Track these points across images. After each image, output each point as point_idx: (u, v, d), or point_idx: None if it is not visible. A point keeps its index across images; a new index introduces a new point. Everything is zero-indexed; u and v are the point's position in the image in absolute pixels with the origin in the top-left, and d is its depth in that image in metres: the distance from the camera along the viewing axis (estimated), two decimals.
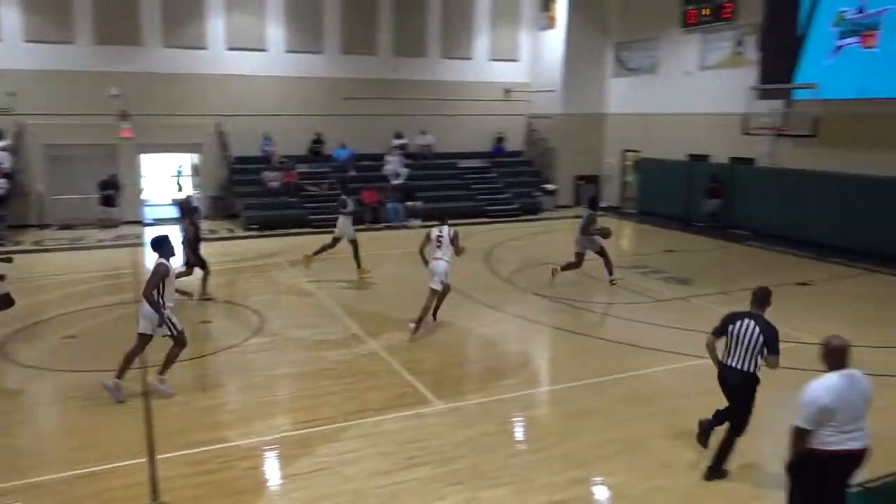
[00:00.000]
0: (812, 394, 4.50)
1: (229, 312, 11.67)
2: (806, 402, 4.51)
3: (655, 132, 22.55)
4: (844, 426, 4.49)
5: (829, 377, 4.56)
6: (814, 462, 4.56)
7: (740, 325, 6.06)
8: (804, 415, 4.52)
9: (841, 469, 4.61)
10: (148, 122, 20.88)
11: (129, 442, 6.82)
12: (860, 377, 4.59)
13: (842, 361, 4.59)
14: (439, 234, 10.26)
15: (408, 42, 24.04)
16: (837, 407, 4.46)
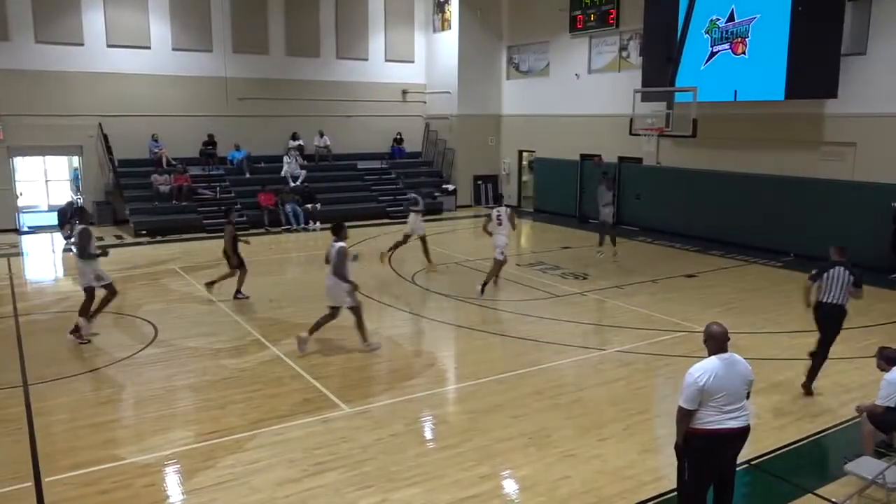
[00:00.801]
0: (692, 376, 4.78)
1: (119, 323, 11.06)
2: (687, 383, 4.80)
3: (549, 133, 23.27)
4: (724, 406, 4.78)
5: (708, 360, 4.86)
6: (698, 441, 4.85)
7: (833, 272, 7.73)
8: (685, 395, 4.80)
9: (723, 446, 4.92)
10: (21, 123, 19.48)
11: (10, 466, 6.34)
12: (739, 360, 4.92)
13: (721, 346, 4.89)
14: (498, 214, 12.46)
15: (301, 41, 23.63)
16: (716, 387, 4.74)
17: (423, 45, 25.93)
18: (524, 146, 24.98)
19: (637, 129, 18.54)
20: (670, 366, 8.97)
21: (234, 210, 13.30)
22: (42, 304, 12.42)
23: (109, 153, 20.50)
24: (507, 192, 25.63)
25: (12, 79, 19.30)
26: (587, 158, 21.92)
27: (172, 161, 20.97)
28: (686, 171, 18.64)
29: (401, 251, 15.75)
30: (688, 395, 4.78)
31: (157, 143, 21.19)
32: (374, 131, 25.09)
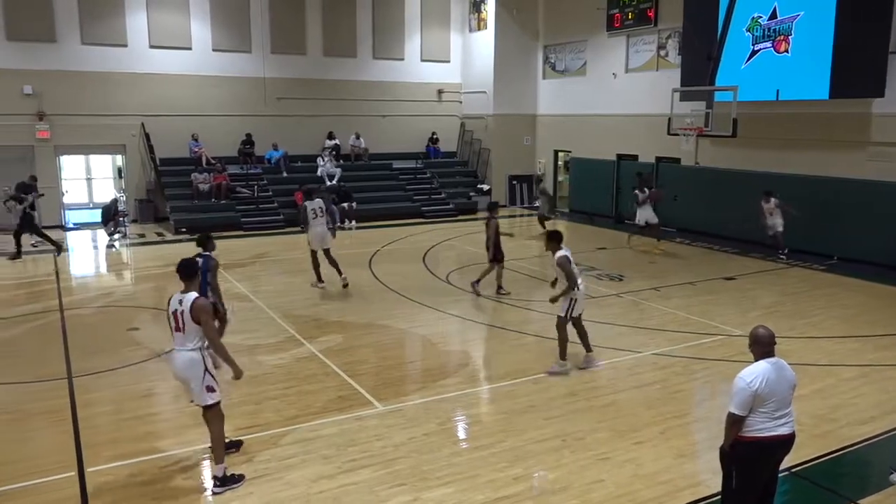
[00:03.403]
0: (744, 381, 4.66)
1: (159, 318, 11.28)
2: (739, 388, 4.67)
3: (585, 132, 23.09)
4: (774, 412, 4.69)
5: (757, 364, 4.74)
6: (747, 448, 4.74)
7: None
8: (738, 401, 4.67)
9: (772, 454, 4.82)
10: (67, 123, 20.03)
11: (56, 456, 6.52)
12: (785, 365, 4.81)
13: (768, 350, 4.78)
14: None
15: (338, 42, 23.83)
16: (767, 392, 4.64)
17: (458, 44, 25.94)
18: (560, 146, 24.82)
19: (675, 129, 18.28)
20: (708, 369, 8.82)
21: (497, 205, 13.41)
22: (86, 298, 12.73)
23: (151, 152, 20.96)
24: None
25: (59, 79, 19.85)
26: (624, 158, 21.71)
27: (212, 160, 21.34)
28: (725, 172, 18.30)
29: (436, 251, 15.81)
30: (740, 401, 4.66)
31: (196, 143, 21.58)
32: (410, 131, 25.19)
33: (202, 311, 5.88)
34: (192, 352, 5.93)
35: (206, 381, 5.95)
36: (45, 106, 19.81)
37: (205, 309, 5.91)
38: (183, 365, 5.97)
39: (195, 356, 5.93)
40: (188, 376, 5.97)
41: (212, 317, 5.99)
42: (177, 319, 5.96)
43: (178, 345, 6.01)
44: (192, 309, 5.85)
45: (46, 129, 19.91)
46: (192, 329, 5.89)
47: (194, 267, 6.27)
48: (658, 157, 20.58)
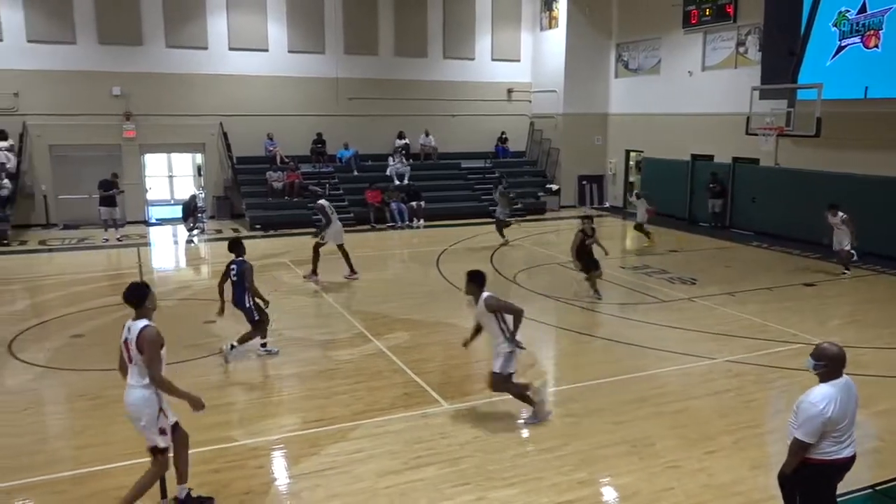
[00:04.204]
0: (815, 407, 4.34)
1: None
2: (810, 415, 4.35)
3: (658, 132, 22.57)
4: (842, 435, 4.43)
5: (824, 387, 4.43)
6: (814, 471, 4.48)
7: None
8: (808, 429, 4.36)
9: (838, 476, 4.58)
10: (151, 122, 20.98)
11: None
12: (852, 384, 4.52)
13: (840, 369, 4.46)
14: None
15: (409, 42, 24.06)
16: (839, 416, 4.36)
17: (529, 43, 25.78)
18: (632, 146, 24.34)
19: (754, 129, 17.68)
20: (785, 379, 8.48)
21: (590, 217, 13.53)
22: (166, 291, 13.26)
23: (229, 151, 21.70)
24: (612, 192, 25.15)
25: (144, 81, 20.77)
26: (699, 159, 21.12)
27: (285, 159, 21.91)
28: (807, 173, 17.52)
29: (504, 251, 15.75)
30: (812, 429, 4.34)
31: (271, 142, 22.20)
32: (479, 130, 25.20)
33: (147, 341, 5.18)
34: (144, 388, 5.27)
35: (159, 421, 5.33)
36: (132, 106, 20.78)
37: (151, 340, 5.19)
38: (134, 402, 5.29)
39: (147, 393, 5.27)
40: (140, 415, 5.29)
41: (159, 349, 5.24)
42: (127, 349, 5.31)
43: (131, 379, 5.33)
44: (138, 338, 5.19)
45: (132, 128, 20.89)
46: (141, 361, 5.24)
47: (143, 291, 5.38)
48: (735, 158, 19.94)
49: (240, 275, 9.11)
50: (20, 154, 19.77)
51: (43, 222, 20.26)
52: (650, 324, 10.81)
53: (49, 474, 6.18)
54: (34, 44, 19.76)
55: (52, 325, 10.79)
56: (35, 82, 19.80)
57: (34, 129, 20.02)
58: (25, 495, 5.87)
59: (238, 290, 9.14)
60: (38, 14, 19.74)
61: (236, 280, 9.11)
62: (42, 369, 8.86)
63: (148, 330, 5.24)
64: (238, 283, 9.11)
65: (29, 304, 11.89)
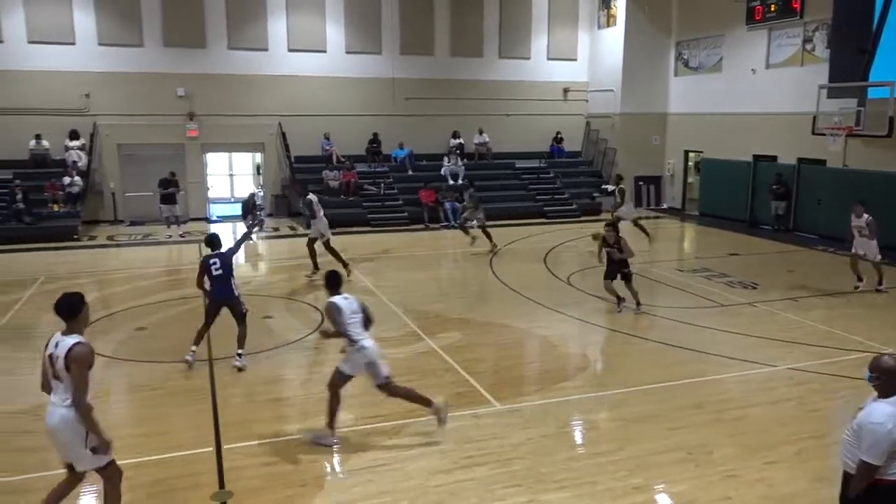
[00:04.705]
0: (884, 427, 4.08)
1: (290, 308, 11.90)
2: (878, 436, 4.09)
3: (719, 132, 22.00)
4: None
5: (889, 407, 4.16)
6: (883, 492, 4.21)
7: None
8: (877, 451, 4.09)
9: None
10: (213, 122, 21.56)
11: (195, 432, 7.03)
12: None
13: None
14: None
15: (465, 42, 24.07)
16: None
17: (586, 42, 25.48)
18: (691, 146, 23.80)
19: (821, 129, 17.06)
20: (850, 389, 8.13)
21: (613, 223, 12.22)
22: None
23: (287, 150, 22.13)
24: (671, 193, 24.64)
25: (207, 82, 21.37)
26: (761, 159, 20.50)
27: (342, 158, 22.21)
28: (879, 175, 16.79)
29: (558, 252, 15.61)
30: (880, 451, 4.07)
31: (328, 142, 22.54)
32: (534, 130, 25.03)
33: (75, 361, 4.72)
34: (70, 409, 4.76)
35: (89, 441, 4.83)
36: (195, 107, 21.41)
37: (80, 360, 4.73)
38: (58, 423, 4.81)
39: (74, 414, 4.76)
40: (65, 438, 4.82)
41: (87, 370, 4.78)
42: (53, 364, 4.83)
43: (55, 397, 4.87)
44: (66, 355, 4.74)
45: (195, 128, 21.52)
46: (68, 379, 4.77)
47: (76, 304, 4.93)
48: (800, 159, 19.27)
49: (226, 267, 8.86)
50: (90, 153, 20.60)
51: (111, 219, 21.07)
52: (708, 328, 10.54)
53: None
54: (104, 47, 20.55)
55: (118, 317, 11.20)
56: (105, 84, 20.60)
57: (103, 129, 20.82)
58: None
59: (225, 283, 8.86)
60: (109, 18, 20.52)
61: (221, 273, 8.80)
62: (107, 360, 9.19)
63: (79, 348, 4.75)
64: (224, 277, 8.83)
65: (97, 297, 12.35)
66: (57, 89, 20.20)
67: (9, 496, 5.79)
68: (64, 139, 20.28)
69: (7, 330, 10.45)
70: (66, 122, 20.28)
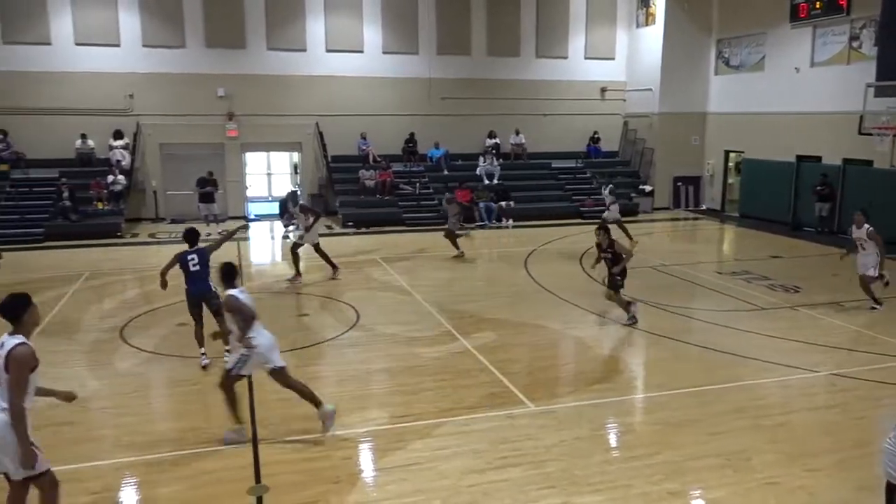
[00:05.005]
0: None
1: (327, 307, 12.02)
2: None
3: (760, 132, 21.56)
4: None
5: None
6: None
7: None
8: None
9: None
10: (252, 122, 21.88)
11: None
12: None
13: None
14: None
15: (502, 42, 24.01)
16: None
17: (624, 41, 25.21)
18: (731, 146, 23.37)
19: (868, 128, 16.60)
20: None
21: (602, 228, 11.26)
22: (263, 284, 13.82)
23: (324, 150, 22.35)
24: (710, 194, 24.25)
25: (247, 83, 21.70)
26: (805, 160, 20.04)
27: (378, 158, 22.35)
28: None
29: (594, 253, 15.43)
30: None
31: (365, 141, 22.70)
32: (571, 130, 24.85)
33: (15, 361, 4.52)
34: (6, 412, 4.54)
35: None
36: (234, 107, 21.75)
37: (20, 361, 4.53)
38: None
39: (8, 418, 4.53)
40: (3, 443, 4.55)
41: (27, 373, 4.57)
42: None
43: None
44: (6, 356, 4.54)
45: (235, 128, 21.87)
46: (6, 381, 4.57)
47: (19, 305, 4.70)
48: (845, 159, 18.78)
49: (203, 263, 8.79)
50: (133, 152, 21.08)
51: (153, 216, 21.54)
52: (748, 332, 10.34)
53: (153, 454, 6.55)
54: (148, 48, 21.01)
55: (159, 313, 11.43)
56: (148, 84, 21.06)
57: (146, 129, 21.29)
58: (132, 472, 6.26)
59: (202, 279, 8.82)
60: (153, 20, 20.97)
61: (199, 270, 8.73)
62: (149, 355, 9.41)
63: (20, 349, 4.54)
64: (201, 273, 8.77)
65: (139, 294, 12.65)
66: (102, 90, 20.73)
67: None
68: (108, 139, 20.81)
69: (53, 324, 10.75)
70: (110, 122, 20.81)
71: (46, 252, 16.64)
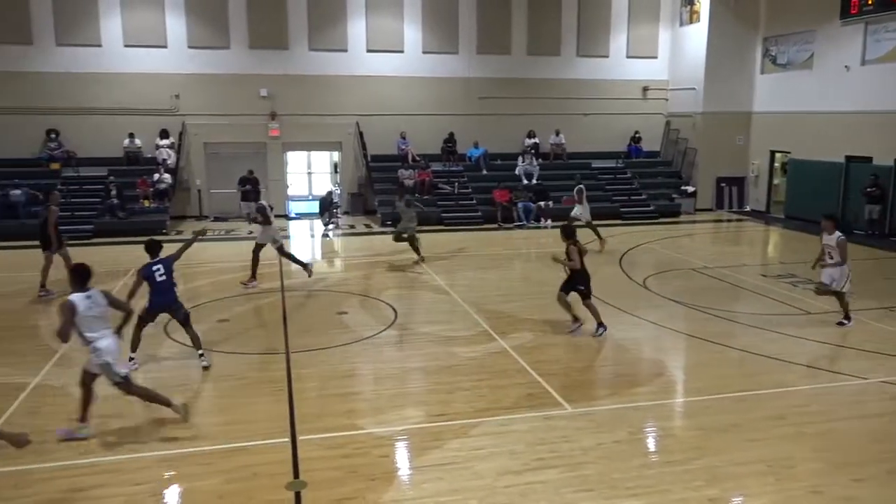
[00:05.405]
0: None
1: (365, 305, 12.11)
2: None
3: (808, 131, 21.01)
4: None
5: None
6: None
7: None
8: None
9: None
10: (293, 122, 22.17)
11: (272, 422, 7.24)
12: None
13: None
14: None
15: (542, 41, 23.86)
16: None
17: (667, 39, 24.83)
18: (778, 146, 22.83)
19: None
20: None
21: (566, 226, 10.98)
22: (303, 282, 13.95)
23: (364, 149, 22.52)
24: (754, 195, 23.74)
25: (288, 83, 21.99)
26: (854, 160, 19.47)
27: (417, 157, 22.42)
28: None
29: (634, 254, 15.27)
30: None
31: (404, 141, 22.80)
32: (611, 130, 24.58)
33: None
34: None
35: None
36: (277, 107, 22.07)
37: None
38: None
39: None
40: None
41: None
42: None
43: None
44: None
45: (277, 127, 22.19)
46: None
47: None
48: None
49: (169, 272, 8.78)
50: (179, 151, 21.54)
51: (197, 214, 21.98)
52: (793, 337, 10.09)
53: (198, 447, 6.69)
54: (193, 49, 21.44)
55: (202, 309, 11.66)
56: (193, 85, 21.50)
57: (191, 129, 21.74)
58: (177, 464, 6.39)
59: (168, 289, 8.81)
60: (198, 22, 21.40)
61: (165, 280, 8.72)
62: (192, 349, 9.58)
63: None
64: (168, 283, 8.77)
65: (183, 290, 12.86)
66: (149, 90, 21.24)
67: (100, 476, 6.12)
68: (155, 138, 21.30)
69: None
70: (157, 122, 21.30)
71: (95, 248, 17.09)
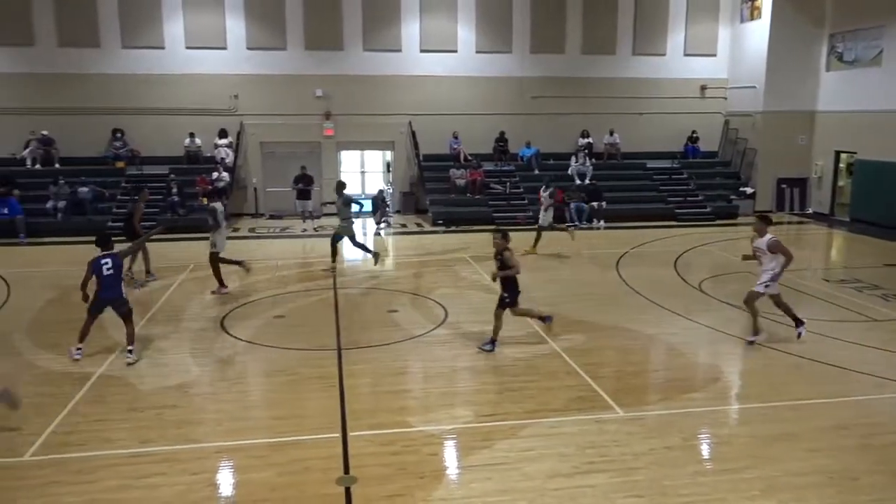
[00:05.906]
0: None
1: (416, 303, 12.18)
2: None
3: (876, 131, 20.18)
4: None
5: None
6: None
7: None
8: None
9: None
10: (347, 121, 22.46)
11: (324, 418, 7.36)
12: None
13: None
14: None
15: (597, 40, 23.56)
16: None
17: (726, 36, 24.20)
18: (843, 146, 22.01)
19: None
20: None
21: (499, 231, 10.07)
22: (355, 280, 14.15)
23: (416, 148, 22.65)
24: (817, 197, 22.95)
25: (343, 83, 22.28)
26: None
27: (468, 157, 22.43)
28: None
29: (689, 256, 14.95)
30: None
31: (456, 140, 22.84)
32: (667, 129, 24.09)
33: None
34: None
35: None
36: (331, 107, 22.40)
37: None
38: None
39: None
40: None
41: None
42: None
43: None
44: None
45: (331, 127, 22.53)
46: None
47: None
48: None
49: (117, 267, 8.90)
50: (237, 150, 22.06)
51: (253, 212, 22.48)
52: (856, 344, 9.72)
53: (250, 439, 6.85)
54: (252, 51, 21.93)
55: (258, 304, 11.93)
56: (251, 86, 21.99)
57: (249, 128, 22.25)
58: (230, 455, 6.56)
59: (115, 283, 8.89)
60: (257, 24, 21.87)
61: (112, 274, 8.82)
62: (247, 344, 9.82)
63: None
64: (115, 277, 8.87)
65: (239, 286, 13.21)
66: (209, 91, 21.82)
67: (158, 465, 6.33)
68: (214, 137, 21.87)
69: (161, 312, 11.41)
70: (216, 122, 21.86)
71: (157, 245, 17.64)
